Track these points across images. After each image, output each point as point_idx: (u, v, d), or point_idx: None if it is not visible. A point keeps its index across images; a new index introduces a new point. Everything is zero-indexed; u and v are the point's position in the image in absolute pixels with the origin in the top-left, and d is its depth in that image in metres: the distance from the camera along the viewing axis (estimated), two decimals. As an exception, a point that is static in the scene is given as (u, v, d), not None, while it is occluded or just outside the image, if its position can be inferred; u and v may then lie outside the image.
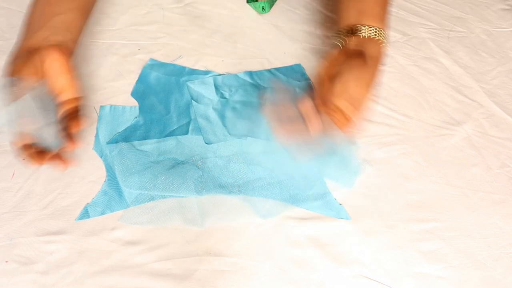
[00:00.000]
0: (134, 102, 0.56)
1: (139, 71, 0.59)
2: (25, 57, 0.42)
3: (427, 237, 0.48)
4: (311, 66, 0.62)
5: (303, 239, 0.47)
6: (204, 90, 0.57)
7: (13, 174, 0.49)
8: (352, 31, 0.49)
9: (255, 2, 0.67)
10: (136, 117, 0.54)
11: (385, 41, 0.49)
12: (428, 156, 0.54)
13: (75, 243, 0.44)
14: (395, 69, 0.63)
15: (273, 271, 0.44)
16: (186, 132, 0.53)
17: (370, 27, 0.49)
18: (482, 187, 0.52)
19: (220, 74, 0.59)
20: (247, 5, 0.69)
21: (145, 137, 0.52)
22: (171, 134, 0.53)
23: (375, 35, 0.49)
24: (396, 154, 0.54)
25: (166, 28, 0.65)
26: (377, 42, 0.49)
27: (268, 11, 0.68)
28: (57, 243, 0.44)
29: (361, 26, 0.49)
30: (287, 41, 0.65)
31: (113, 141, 0.51)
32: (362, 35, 0.49)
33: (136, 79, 0.58)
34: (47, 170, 0.49)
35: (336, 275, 0.45)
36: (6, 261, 0.43)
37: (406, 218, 0.49)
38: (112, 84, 0.57)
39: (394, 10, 0.71)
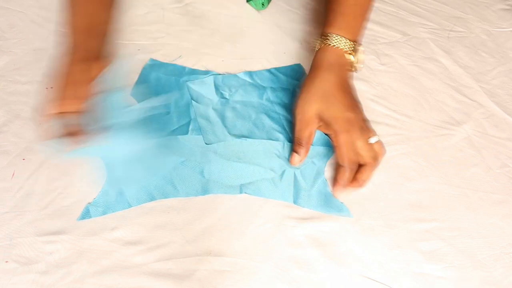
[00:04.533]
0: (134, 102, 0.56)
1: (139, 71, 0.59)
2: (88, 64, 0.46)
3: (427, 237, 0.48)
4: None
5: (303, 239, 0.47)
6: (204, 90, 0.57)
7: (13, 174, 0.49)
8: (322, 37, 0.52)
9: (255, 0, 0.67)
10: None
11: (349, 51, 0.51)
12: (428, 156, 0.54)
13: (75, 243, 0.44)
14: (395, 69, 0.63)
15: (273, 271, 0.44)
16: (186, 132, 0.53)
17: (337, 36, 0.51)
18: (482, 187, 0.52)
19: (220, 74, 0.59)
20: (247, 5, 0.69)
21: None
22: (171, 134, 0.53)
23: (339, 44, 0.50)
24: (396, 154, 0.54)
25: (166, 28, 0.64)
26: (336, 51, 0.50)
27: (267, 7, 0.68)
28: (57, 243, 0.44)
29: (329, 34, 0.51)
30: (287, 41, 0.65)
31: None
32: (326, 43, 0.51)
33: (136, 79, 0.58)
34: (47, 170, 0.49)
35: (336, 275, 0.45)
36: (6, 261, 0.43)
37: (406, 218, 0.49)
38: (112, 84, 0.57)
39: (394, 10, 0.71)
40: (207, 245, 0.45)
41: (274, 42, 0.65)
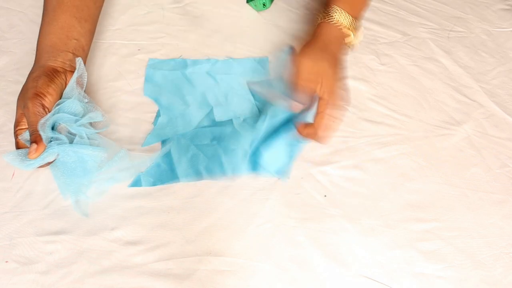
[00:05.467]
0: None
1: (139, 71, 0.59)
2: (50, 77, 0.47)
3: (427, 237, 0.48)
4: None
5: (303, 239, 0.47)
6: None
7: (13, 174, 0.49)
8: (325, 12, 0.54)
9: (255, 0, 0.67)
10: (158, 117, 0.54)
11: (348, 27, 0.53)
12: (428, 156, 0.54)
13: (75, 243, 0.44)
14: (395, 69, 0.63)
15: (273, 271, 0.44)
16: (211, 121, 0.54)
17: (340, 10, 0.53)
18: (482, 187, 0.52)
19: (219, 60, 0.61)
20: (247, 5, 0.69)
21: (175, 133, 0.53)
22: (200, 125, 0.54)
23: (340, 18, 0.53)
24: (396, 154, 0.54)
25: (166, 28, 0.64)
26: (333, 26, 0.53)
27: (269, 7, 0.68)
28: (57, 243, 0.44)
29: (332, 7, 0.53)
30: (287, 41, 0.65)
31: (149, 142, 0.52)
32: (329, 16, 0.53)
33: (136, 79, 0.58)
34: (47, 170, 0.49)
35: (336, 275, 0.45)
36: (6, 261, 0.43)
37: (406, 218, 0.49)
38: (112, 84, 0.57)
39: (394, 10, 0.71)
40: (207, 245, 0.45)
41: (274, 42, 0.65)
